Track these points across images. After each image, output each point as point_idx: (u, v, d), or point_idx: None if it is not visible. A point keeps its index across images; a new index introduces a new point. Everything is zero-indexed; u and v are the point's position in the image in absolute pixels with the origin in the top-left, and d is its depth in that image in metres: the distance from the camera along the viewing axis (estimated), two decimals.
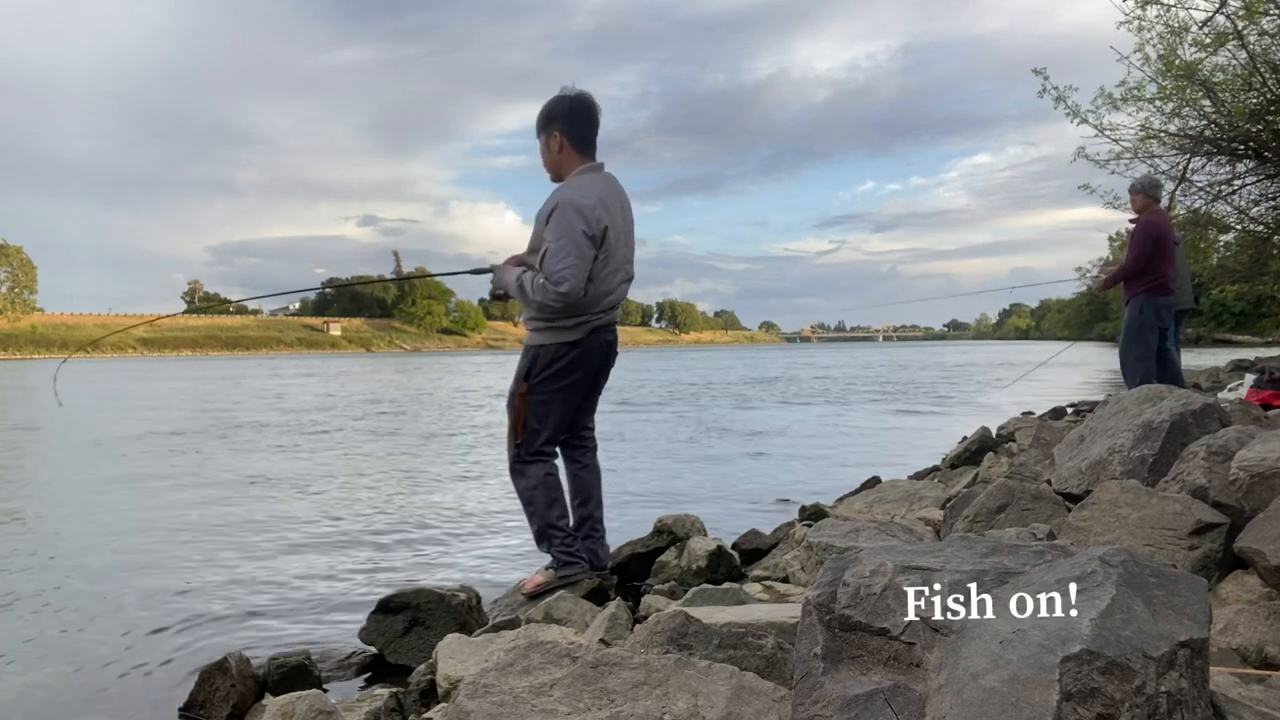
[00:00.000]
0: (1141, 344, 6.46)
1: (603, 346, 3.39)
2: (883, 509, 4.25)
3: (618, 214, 3.32)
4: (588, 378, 3.41)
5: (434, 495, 6.85)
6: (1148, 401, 3.16)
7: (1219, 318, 67.21)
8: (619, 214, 3.33)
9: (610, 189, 3.33)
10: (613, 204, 3.30)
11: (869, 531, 3.12)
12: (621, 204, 3.38)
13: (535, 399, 3.34)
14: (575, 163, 3.32)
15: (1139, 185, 6.76)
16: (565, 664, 1.56)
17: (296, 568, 4.60)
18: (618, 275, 3.34)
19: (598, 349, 3.37)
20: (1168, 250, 6.46)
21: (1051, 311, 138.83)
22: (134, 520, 5.98)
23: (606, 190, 3.30)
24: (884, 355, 58.16)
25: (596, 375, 3.47)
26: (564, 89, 3.35)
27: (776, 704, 1.44)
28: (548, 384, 3.33)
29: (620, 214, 3.34)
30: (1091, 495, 2.51)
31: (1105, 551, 1.31)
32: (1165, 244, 6.43)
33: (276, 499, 6.75)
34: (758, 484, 7.22)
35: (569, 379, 3.34)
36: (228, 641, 3.38)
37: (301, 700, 2.16)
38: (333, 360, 73.20)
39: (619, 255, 3.33)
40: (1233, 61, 10.78)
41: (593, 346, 3.34)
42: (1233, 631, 1.93)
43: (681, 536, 3.91)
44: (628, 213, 3.42)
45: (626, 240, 3.39)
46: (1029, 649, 1.13)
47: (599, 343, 3.36)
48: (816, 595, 1.35)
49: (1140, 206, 6.67)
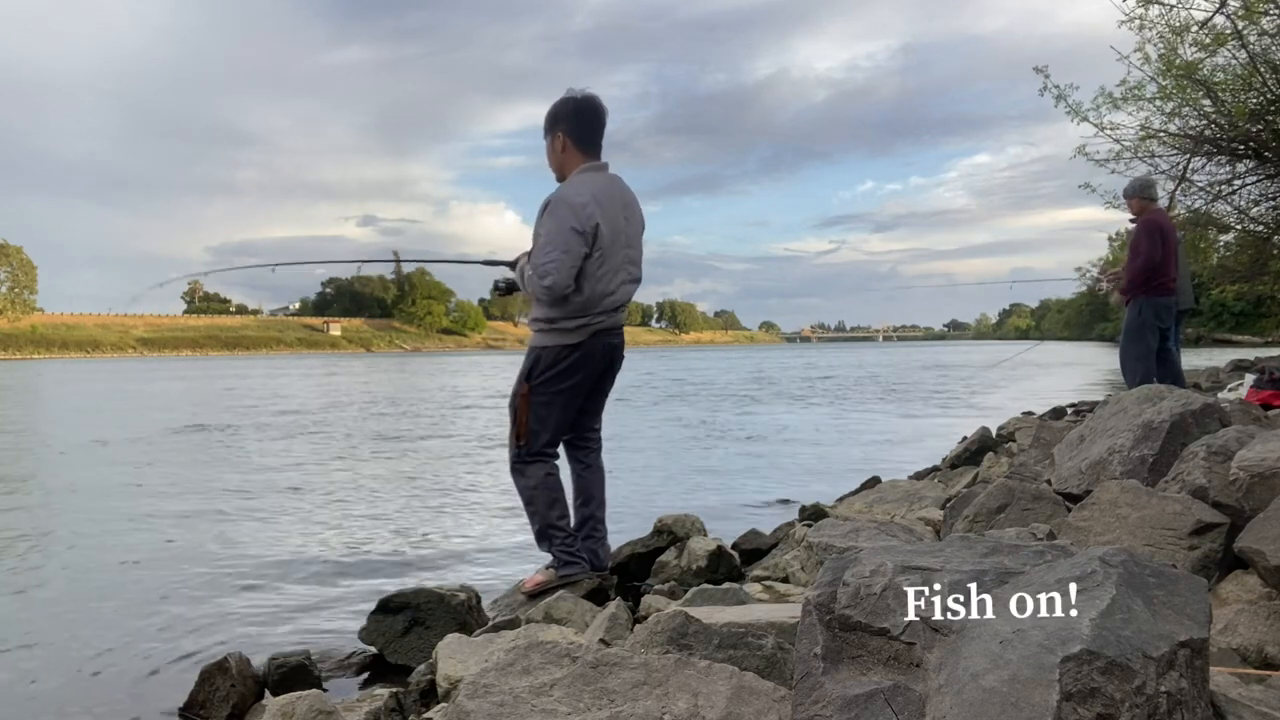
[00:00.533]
0: (1142, 344, 6.46)
1: (605, 349, 3.37)
2: (883, 509, 4.25)
3: (617, 213, 3.30)
4: (589, 380, 3.40)
5: (434, 495, 6.84)
6: (1148, 401, 3.16)
7: (1219, 318, 67.25)
8: (618, 213, 3.30)
9: (610, 188, 3.32)
10: (610, 203, 3.28)
11: (869, 531, 3.12)
12: (624, 204, 3.36)
13: (536, 400, 3.34)
14: (578, 163, 3.34)
15: (1133, 189, 6.77)
16: (565, 664, 1.56)
17: (297, 568, 4.60)
18: (618, 276, 3.32)
19: (600, 352, 3.35)
20: (1170, 249, 6.47)
21: (1051, 311, 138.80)
22: (134, 520, 5.98)
23: (605, 189, 3.29)
24: (884, 355, 58.15)
25: (600, 378, 3.45)
26: (570, 90, 3.38)
27: (776, 704, 1.44)
28: (549, 386, 3.33)
29: (621, 214, 3.32)
30: (1091, 495, 2.51)
31: (1105, 551, 1.31)
32: (1169, 242, 6.43)
33: (276, 499, 6.75)
34: (758, 484, 7.22)
35: (570, 381, 3.34)
36: (228, 641, 3.38)
37: (301, 700, 2.16)
38: (333, 360, 73.20)
39: (618, 256, 3.31)
40: (1233, 61, 10.79)
41: (595, 349, 3.33)
42: (1233, 631, 1.93)
43: (681, 536, 3.91)
44: (632, 214, 3.40)
45: (630, 241, 3.37)
46: (1029, 649, 1.13)
47: (601, 345, 3.35)
48: (816, 595, 1.35)
49: (1138, 209, 6.68)
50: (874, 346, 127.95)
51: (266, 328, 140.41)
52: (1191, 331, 57.02)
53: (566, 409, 3.39)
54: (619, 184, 3.38)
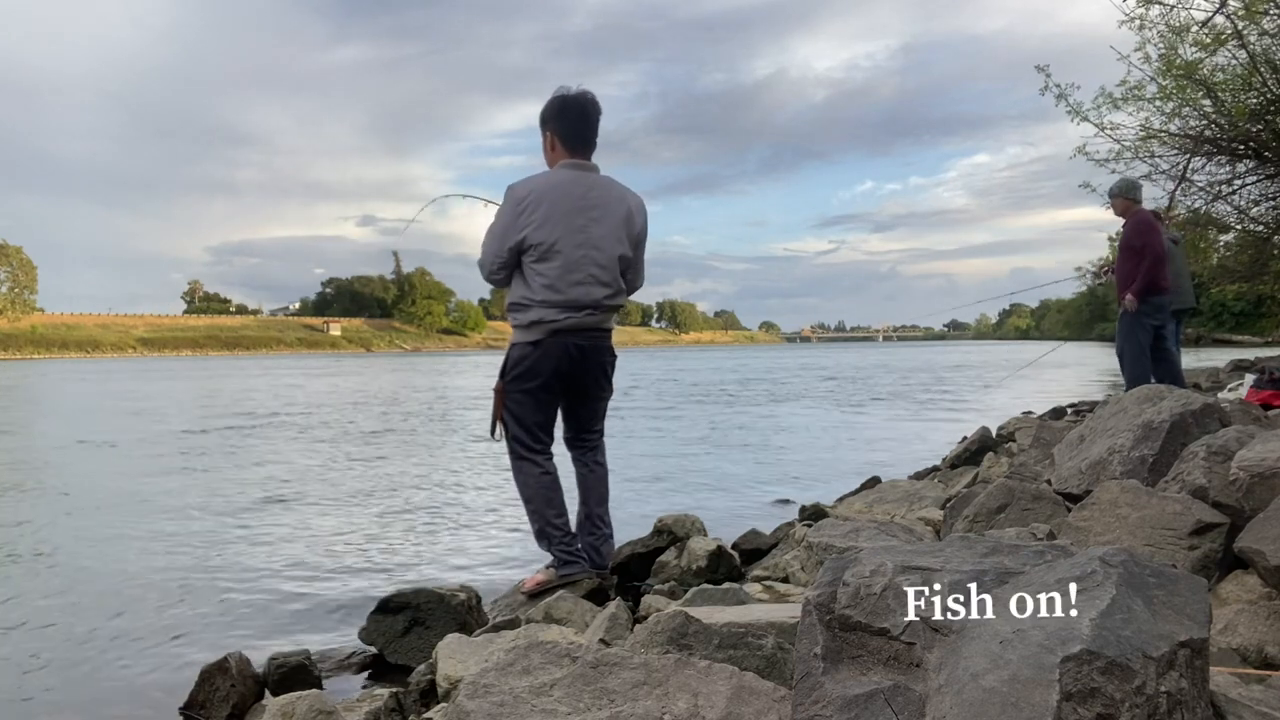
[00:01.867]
0: (1134, 342, 6.50)
1: (569, 351, 3.30)
2: (883, 509, 4.25)
3: (572, 212, 3.23)
4: (558, 381, 3.34)
5: (434, 495, 6.84)
6: (1148, 401, 3.16)
7: (1219, 318, 67.26)
8: (574, 213, 3.23)
9: (572, 187, 3.26)
10: (564, 200, 3.23)
11: (869, 531, 3.12)
12: (592, 204, 3.27)
13: (510, 398, 3.39)
14: (563, 160, 3.35)
15: (1117, 190, 6.79)
16: (565, 664, 1.56)
17: (297, 567, 4.60)
18: (574, 275, 3.24)
19: (562, 353, 3.29)
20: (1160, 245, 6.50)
21: (1051, 311, 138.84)
22: (134, 520, 5.98)
23: (564, 186, 3.25)
24: (885, 355, 58.15)
25: (571, 380, 3.37)
26: (560, 88, 3.35)
27: (776, 704, 1.44)
28: (516, 384, 3.36)
29: (580, 214, 3.24)
30: (1091, 495, 2.51)
31: (1105, 551, 1.31)
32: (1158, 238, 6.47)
33: (275, 499, 6.75)
34: (758, 484, 7.22)
35: (534, 381, 3.32)
36: (228, 641, 3.38)
37: (301, 700, 2.16)
38: (333, 360, 73.21)
39: (573, 255, 3.23)
40: (1233, 61, 10.79)
41: (554, 350, 3.28)
42: (1233, 631, 1.93)
43: (681, 536, 3.91)
44: (605, 215, 3.30)
45: (597, 243, 3.27)
46: (1029, 649, 1.13)
47: (562, 346, 3.28)
48: (816, 595, 1.35)
49: (1122, 209, 6.71)
50: (874, 347, 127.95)
51: (266, 328, 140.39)
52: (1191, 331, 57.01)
53: (538, 409, 3.38)
54: (593, 183, 3.31)
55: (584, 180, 3.30)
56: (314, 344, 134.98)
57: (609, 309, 3.38)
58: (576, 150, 3.34)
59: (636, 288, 3.55)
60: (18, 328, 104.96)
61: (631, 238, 3.40)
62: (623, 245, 3.36)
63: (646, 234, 3.50)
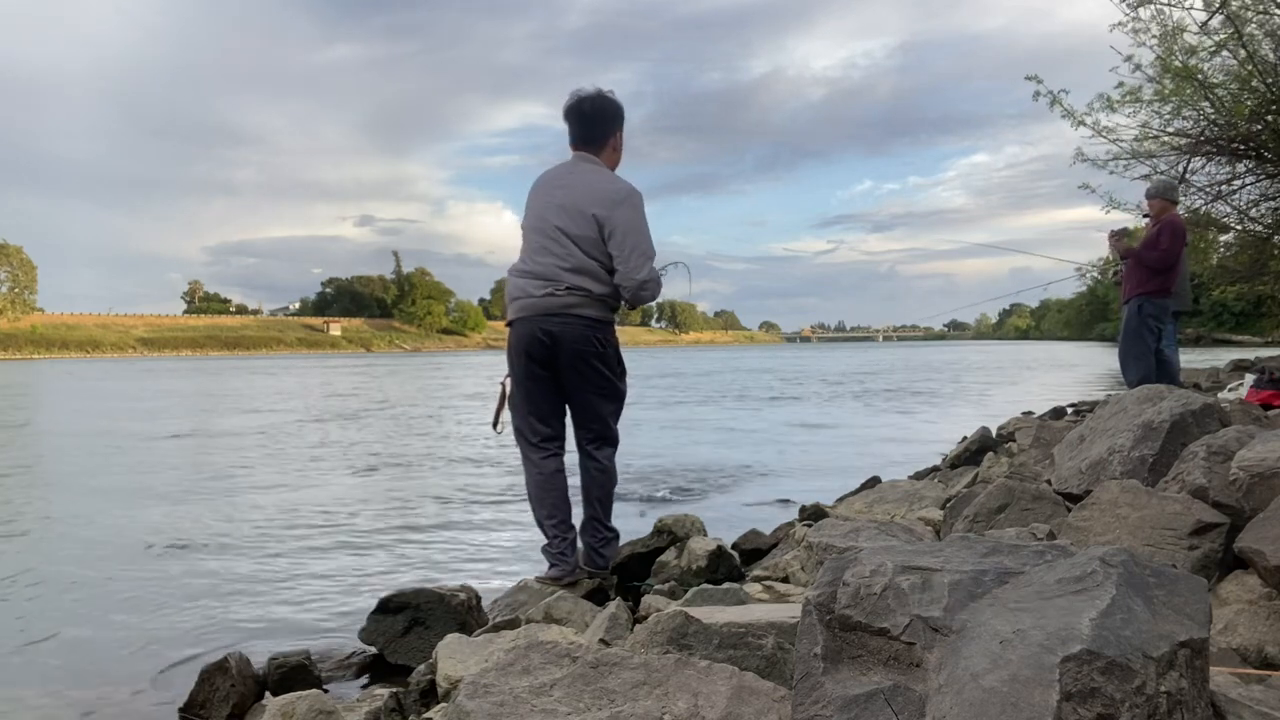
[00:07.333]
0: (1140, 343, 6.50)
1: (534, 337, 3.29)
2: (883, 509, 4.25)
3: (542, 191, 3.43)
4: (535, 367, 3.37)
5: (433, 495, 6.84)
6: (1148, 401, 3.16)
7: (1219, 318, 67.23)
8: (544, 192, 3.42)
9: (555, 174, 3.47)
10: (545, 185, 3.44)
11: (869, 531, 3.11)
12: (564, 185, 3.38)
13: (514, 389, 3.50)
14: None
15: (1156, 190, 6.75)
16: (565, 664, 1.56)
17: (296, 568, 4.60)
18: (531, 243, 3.39)
19: (527, 339, 3.32)
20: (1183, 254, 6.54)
21: (1051, 311, 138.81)
22: (134, 520, 5.98)
23: (550, 174, 3.48)
24: (885, 355, 58.15)
25: (553, 369, 3.35)
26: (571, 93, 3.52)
27: (776, 704, 1.44)
28: (511, 375, 3.50)
29: (550, 195, 3.39)
30: (1091, 495, 2.51)
31: (1105, 551, 1.31)
32: (1182, 248, 6.50)
33: (275, 499, 6.75)
34: (758, 484, 7.22)
35: (517, 370, 3.44)
36: (228, 641, 3.38)
37: (301, 700, 2.16)
38: (332, 360, 73.19)
39: (532, 228, 3.39)
40: (1231, 62, 10.78)
41: (522, 334, 3.36)
42: (1233, 631, 1.93)
43: (681, 536, 3.91)
44: (572, 195, 3.31)
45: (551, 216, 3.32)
46: (1029, 649, 1.12)
47: (527, 332, 3.33)
48: (816, 595, 1.35)
49: (1159, 210, 6.67)
50: (875, 346, 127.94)
51: (266, 328, 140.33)
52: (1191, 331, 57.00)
53: (527, 399, 3.45)
54: (574, 169, 3.45)
55: (567, 167, 3.48)
56: (314, 344, 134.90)
57: (573, 288, 3.26)
58: (577, 146, 3.51)
59: (636, 280, 3.30)
60: (18, 328, 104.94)
61: (602, 218, 3.27)
62: (584, 223, 3.27)
63: (635, 223, 3.31)
